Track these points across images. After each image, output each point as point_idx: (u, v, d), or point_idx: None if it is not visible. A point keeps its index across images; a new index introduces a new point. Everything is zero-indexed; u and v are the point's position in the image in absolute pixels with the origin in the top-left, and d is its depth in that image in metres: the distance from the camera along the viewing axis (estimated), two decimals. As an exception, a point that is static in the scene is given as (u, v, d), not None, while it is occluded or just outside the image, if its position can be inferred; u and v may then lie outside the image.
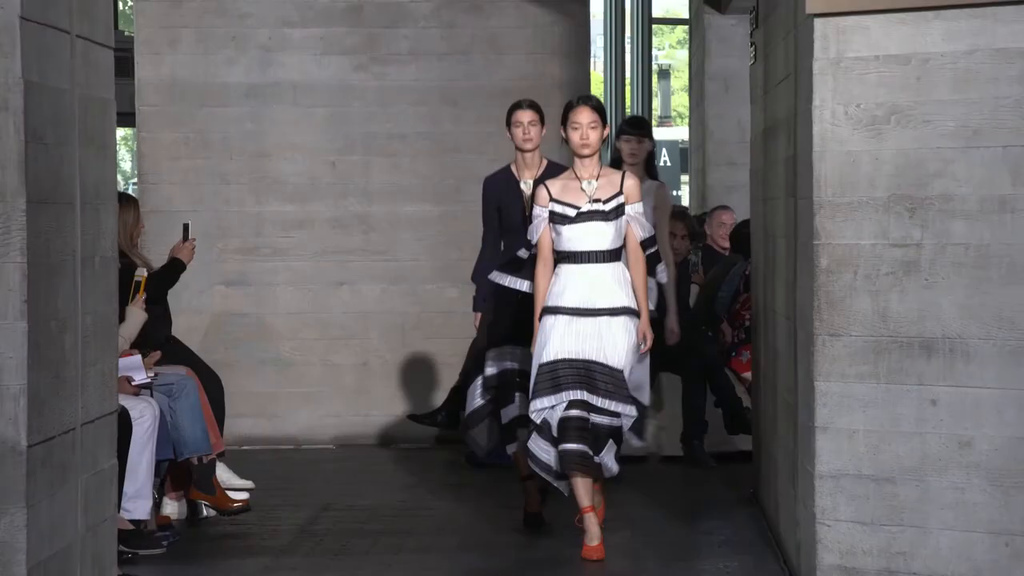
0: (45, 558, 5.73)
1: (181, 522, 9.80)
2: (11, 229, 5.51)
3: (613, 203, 8.87)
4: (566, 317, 8.77)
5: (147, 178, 13.28)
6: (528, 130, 9.51)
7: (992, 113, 7.10)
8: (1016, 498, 7.07)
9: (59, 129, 5.88)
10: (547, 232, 8.91)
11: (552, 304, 8.84)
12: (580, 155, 8.97)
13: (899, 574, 7.30)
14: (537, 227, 8.95)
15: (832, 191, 7.39)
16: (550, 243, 8.92)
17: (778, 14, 8.97)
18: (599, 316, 8.76)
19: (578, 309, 8.76)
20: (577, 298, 8.78)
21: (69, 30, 5.97)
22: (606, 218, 8.83)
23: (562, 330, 8.75)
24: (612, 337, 8.74)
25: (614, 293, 8.81)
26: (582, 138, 8.91)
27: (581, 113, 8.96)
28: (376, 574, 8.59)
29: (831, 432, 7.42)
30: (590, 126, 8.91)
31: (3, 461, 5.52)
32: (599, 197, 8.87)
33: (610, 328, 8.75)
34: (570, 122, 8.96)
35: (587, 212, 8.83)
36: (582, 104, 9.04)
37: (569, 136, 8.98)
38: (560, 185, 8.98)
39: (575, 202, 8.86)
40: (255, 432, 12.79)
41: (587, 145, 8.92)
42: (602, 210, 8.84)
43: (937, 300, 7.22)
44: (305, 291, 13.25)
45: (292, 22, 13.24)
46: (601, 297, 8.78)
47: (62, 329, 5.91)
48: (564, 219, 8.84)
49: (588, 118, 8.93)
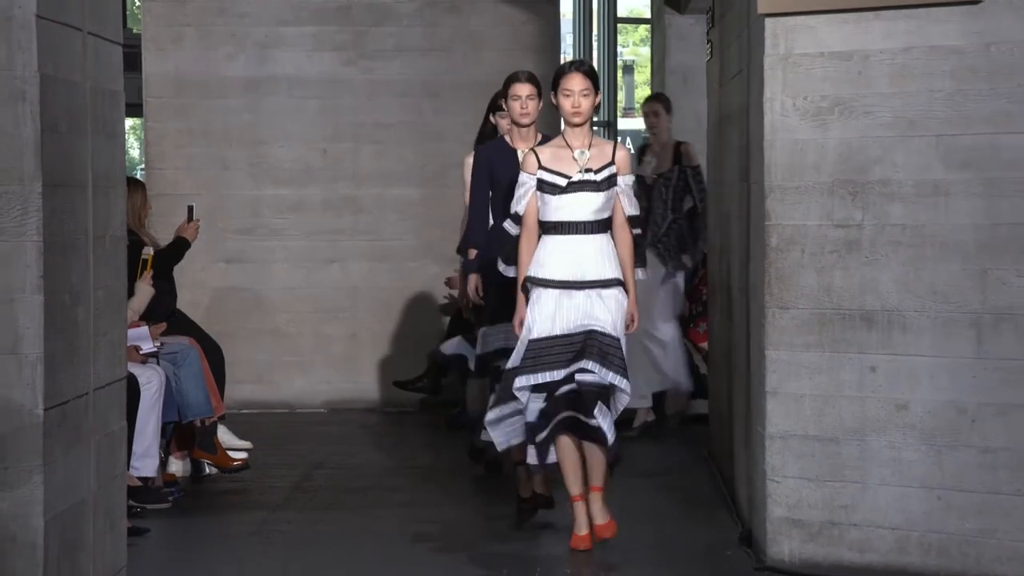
0: (61, 511, 5.74)
1: (185, 479, 9.80)
2: (28, 210, 5.51)
3: (605, 173, 7.80)
4: (556, 291, 7.74)
5: (154, 164, 13.26)
6: (526, 104, 8.57)
7: (926, 105, 7.12)
8: (947, 456, 7.10)
9: (72, 119, 5.87)
10: (534, 201, 7.84)
11: (540, 276, 7.80)
12: (571, 123, 7.88)
13: (841, 526, 7.33)
14: (524, 197, 7.87)
15: (781, 176, 7.41)
16: (536, 213, 7.85)
17: (732, 14, 8.97)
18: (590, 289, 7.74)
19: (568, 282, 7.73)
20: (566, 271, 7.74)
21: (81, 28, 5.96)
22: (597, 188, 7.78)
23: (552, 306, 7.74)
24: (604, 308, 7.73)
25: (603, 265, 7.78)
26: (574, 106, 7.82)
27: (573, 79, 7.86)
28: (364, 526, 8.59)
29: (780, 396, 7.44)
30: (582, 93, 7.82)
31: (22, 423, 5.52)
32: (591, 167, 7.80)
33: (601, 300, 7.73)
34: (561, 88, 7.87)
35: (578, 182, 7.77)
36: (574, 70, 7.94)
37: (560, 103, 7.89)
38: (550, 153, 7.88)
39: (566, 171, 7.78)
40: (253, 397, 12.79)
41: (579, 113, 7.84)
42: (594, 180, 7.78)
43: (876, 276, 7.24)
44: (299, 268, 13.24)
45: (287, 21, 13.22)
46: (591, 269, 7.75)
47: (75, 302, 5.90)
48: (554, 188, 7.77)
49: (580, 85, 7.84)
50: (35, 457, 5.56)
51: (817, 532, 7.37)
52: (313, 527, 8.58)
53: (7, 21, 5.47)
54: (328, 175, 13.24)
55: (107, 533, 6.31)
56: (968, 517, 7.05)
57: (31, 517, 5.57)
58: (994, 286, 7.00)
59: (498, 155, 8.75)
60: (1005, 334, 6.97)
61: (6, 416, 5.51)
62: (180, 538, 8.39)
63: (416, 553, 7.90)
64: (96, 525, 6.15)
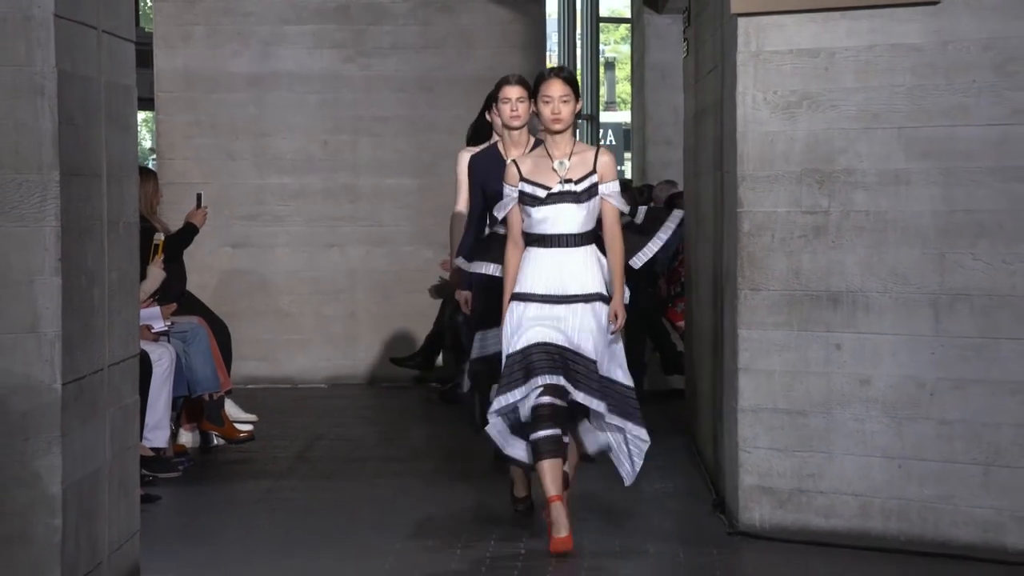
0: (78, 479, 5.74)
1: (194, 450, 9.80)
2: (47, 197, 5.51)
3: (586, 183, 7.15)
4: (536, 304, 7.13)
5: (164, 154, 13.26)
6: (516, 106, 7.94)
7: (888, 99, 7.12)
8: (907, 427, 7.11)
9: (88, 111, 5.86)
10: (517, 212, 7.21)
11: (522, 291, 7.18)
12: (552, 131, 7.22)
13: (809, 493, 7.34)
14: (505, 205, 7.27)
15: (753, 166, 7.41)
16: (520, 224, 7.22)
17: (707, 13, 8.97)
18: (571, 303, 7.13)
19: (549, 296, 7.13)
20: (547, 284, 7.13)
21: (96, 26, 5.95)
22: (578, 200, 7.14)
23: (532, 318, 7.11)
24: (584, 325, 7.10)
25: (585, 279, 7.15)
26: (553, 112, 7.16)
27: (552, 85, 7.19)
28: (362, 494, 8.60)
29: (751, 372, 7.45)
30: (562, 99, 7.16)
31: (41, 397, 5.52)
32: (571, 177, 7.14)
33: (582, 316, 7.11)
34: (540, 95, 7.22)
35: (557, 193, 7.14)
36: (553, 76, 7.26)
37: (540, 110, 7.24)
38: (531, 163, 7.27)
39: (545, 182, 7.15)
40: (258, 373, 12.80)
41: (559, 120, 7.17)
42: (573, 191, 7.13)
43: (842, 259, 7.25)
44: (300, 252, 13.25)
45: (289, 20, 13.21)
46: (572, 283, 7.13)
47: (91, 284, 5.90)
48: (534, 200, 7.15)
49: (560, 91, 7.17)
50: (54, 429, 5.57)
51: (786, 499, 7.38)
52: (314, 495, 8.59)
53: (27, 20, 5.47)
54: (328, 165, 13.24)
55: (121, 500, 6.31)
56: (927, 484, 7.07)
57: (50, 485, 5.57)
58: (951, 268, 7.01)
59: (490, 166, 8.04)
60: (961, 313, 6.99)
61: (26, 391, 5.52)
62: (190, 505, 8.39)
63: (410, 520, 7.90)
64: (111, 492, 6.16)
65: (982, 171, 6.93)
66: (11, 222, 5.49)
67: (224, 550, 7.27)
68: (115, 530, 6.23)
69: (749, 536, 7.41)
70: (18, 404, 5.50)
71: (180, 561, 6.94)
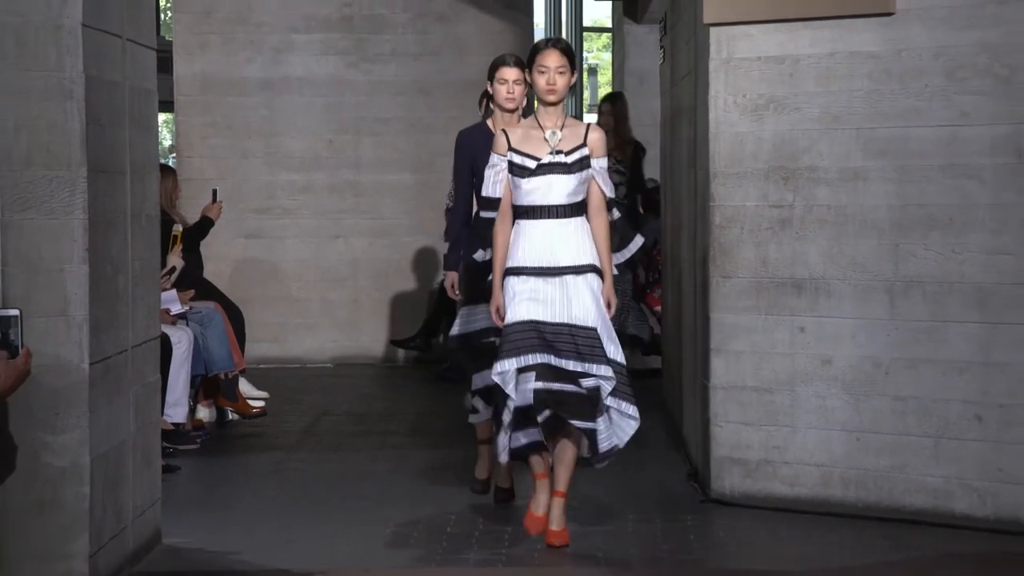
0: (104, 451, 5.75)
1: (211, 424, 9.81)
2: (75, 192, 5.51)
3: (576, 155, 6.45)
4: (529, 278, 6.41)
5: (183, 153, 13.25)
6: (512, 88, 7.27)
7: (848, 102, 7.13)
8: (865, 403, 7.13)
9: (113, 113, 5.87)
10: (507, 184, 6.51)
11: (514, 265, 6.46)
12: (545, 101, 6.52)
13: (775, 464, 7.36)
14: (496, 180, 6.54)
15: (724, 164, 7.42)
16: (510, 196, 6.52)
17: (682, 24, 8.98)
18: (563, 275, 6.40)
19: (541, 268, 6.40)
20: (539, 256, 6.41)
21: (121, 35, 5.96)
22: (568, 170, 6.42)
23: (527, 293, 6.39)
24: (579, 296, 6.39)
25: (577, 250, 6.43)
26: (548, 83, 6.46)
27: (549, 56, 6.49)
28: (364, 465, 8.60)
29: (723, 353, 7.46)
30: (558, 70, 6.47)
31: (70, 375, 5.53)
32: (561, 148, 6.44)
33: (576, 287, 6.39)
34: (536, 65, 6.51)
35: (548, 164, 6.42)
36: (551, 47, 6.55)
37: (534, 80, 6.53)
38: (521, 133, 6.55)
39: (535, 153, 6.45)
40: (269, 354, 12.80)
41: (553, 91, 6.47)
42: (564, 162, 6.42)
43: (805, 249, 7.26)
44: (308, 243, 13.24)
45: (298, 29, 13.21)
46: (564, 254, 6.41)
47: (116, 272, 5.91)
48: (523, 171, 6.44)
49: (556, 62, 6.47)
50: (82, 405, 5.58)
51: (754, 469, 7.40)
52: (321, 466, 8.60)
53: (57, 29, 5.48)
54: (333, 163, 13.24)
55: (144, 470, 6.33)
56: (882, 456, 7.09)
57: (79, 456, 5.59)
58: (904, 258, 7.03)
59: (479, 142, 7.27)
60: (914, 299, 7.01)
61: (57, 370, 5.53)
62: (207, 475, 8.41)
63: (409, 489, 7.91)
64: (134, 463, 6.17)
65: (933, 168, 6.94)
66: (43, 215, 5.50)
67: (238, 516, 7.28)
68: (138, 497, 6.25)
69: (720, 503, 7.43)
70: (50, 382, 5.51)
71: (198, 527, 6.95)
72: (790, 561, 6.40)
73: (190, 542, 6.68)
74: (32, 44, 5.45)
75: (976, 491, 6.88)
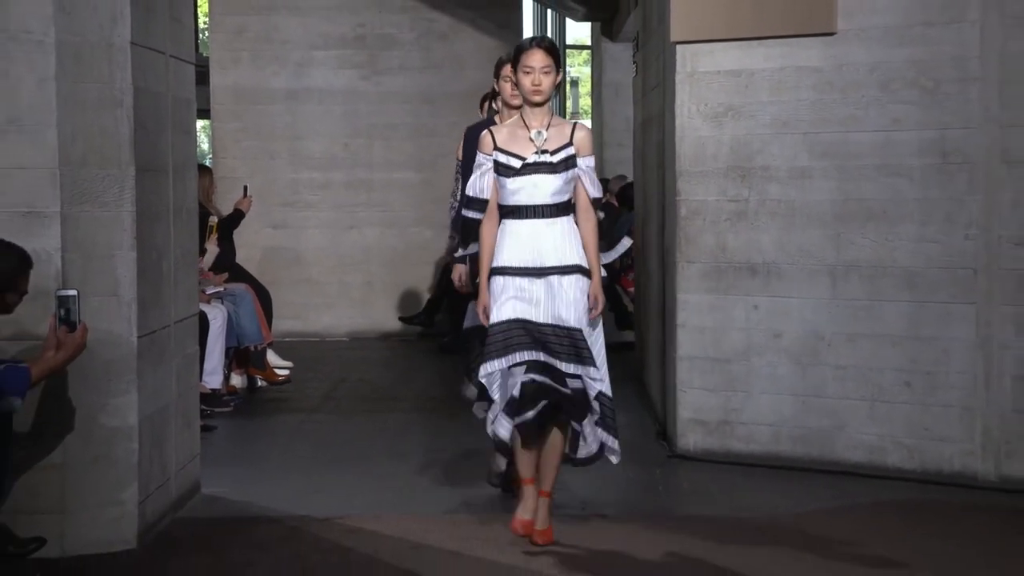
0: (150, 413, 5.76)
1: (243, 390, 9.81)
2: (125, 188, 5.51)
3: (562, 154, 5.60)
4: (514, 278, 5.57)
5: (218, 154, 13.24)
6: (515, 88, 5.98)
7: (795, 110, 7.14)
8: (810, 371, 7.15)
9: (157, 120, 5.87)
10: (492, 182, 5.66)
11: (499, 264, 5.61)
12: (531, 102, 5.63)
13: (732, 424, 7.38)
14: (483, 180, 5.69)
15: (688, 163, 7.42)
16: (496, 196, 5.68)
17: (652, 42, 8.98)
18: (549, 275, 5.54)
19: (527, 268, 5.55)
20: (524, 256, 5.57)
21: (164, 51, 5.96)
22: (554, 170, 5.57)
23: (512, 292, 5.55)
24: (565, 296, 5.54)
25: (563, 250, 5.57)
26: (534, 83, 5.59)
27: (534, 56, 5.61)
28: (376, 427, 8.61)
29: (687, 328, 7.48)
30: (543, 70, 5.59)
31: (120, 348, 5.54)
32: (547, 148, 5.59)
33: (561, 287, 5.54)
34: (521, 65, 5.63)
35: (533, 164, 5.58)
36: (535, 46, 5.66)
37: (520, 81, 5.64)
38: (506, 133, 5.69)
39: (521, 152, 5.61)
40: (293, 329, 12.81)
41: (539, 91, 5.59)
42: (549, 161, 5.57)
43: (759, 238, 7.27)
44: (327, 232, 13.25)
45: (317, 46, 13.20)
46: (550, 254, 5.56)
47: (160, 257, 5.92)
48: (508, 170, 5.60)
49: (541, 62, 5.60)
50: (131, 373, 5.59)
51: (714, 429, 7.42)
52: (338, 427, 8.61)
53: (109, 47, 5.48)
54: (348, 163, 13.24)
55: (185, 429, 6.34)
56: (825, 417, 7.12)
57: (129, 417, 5.60)
58: (844, 245, 7.04)
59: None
60: (853, 281, 7.02)
61: (109, 343, 5.54)
62: (239, 433, 8.41)
63: (415, 447, 7.92)
64: (176, 423, 6.18)
65: (869, 168, 6.96)
66: (97, 208, 5.50)
67: (267, 469, 7.29)
68: (180, 453, 6.26)
69: (685, 459, 7.44)
70: (103, 353, 5.52)
71: (232, 478, 6.96)
72: (746, 508, 6.41)
73: (225, 492, 6.68)
74: (88, 60, 5.44)
75: (905, 447, 6.91)
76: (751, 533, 5.92)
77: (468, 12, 13.26)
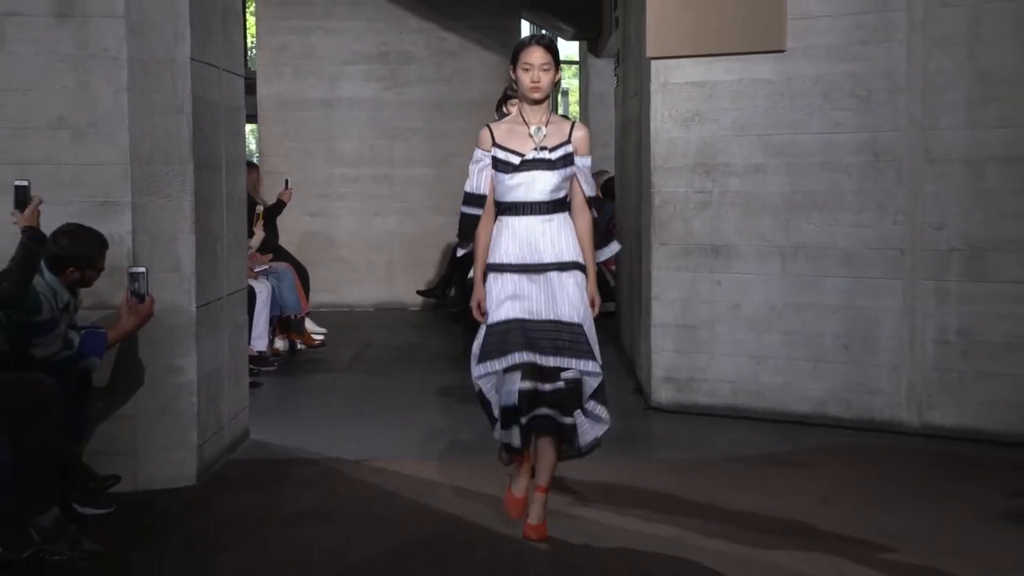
0: (207, 372, 5.78)
1: (285, 352, 9.82)
2: (185, 182, 5.52)
3: (560, 151, 4.78)
4: (512, 275, 4.76)
5: (264, 153, 13.24)
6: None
7: (751, 116, 7.14)
8: (764, 337, 7.16)
9: (212, 124, 5.88)
10: (490, 178, 4.81)
11: (496, 261, 4.79)
12: (530, 99, 4.77)
13: (698, 381, 7.39)
14: (481, 176, 4.83)
15: (661, 161, 7.43)
16: (492, 192, 4.83)
17: (631, 57, 8.97)
18: (547, 271, 4.75)
19: (524, 265, 4.75)
20: (521, 253, 4.75)
21: (218, 66, 5.96)
22: (551, 167, 4.75)
23: (509, 291, 4.76)
24: (564, 291, 4.76)
25: (561, 246, 4.78)
26: (533, 80, 4.73)
27: (533, 53, 4.75)
28: (398, 382, 8.62)
29: (661, 300, 7.49)
30: (542, 67, 4.74)
31: (181, 316, 5.56)
32: (546, 145, 4.77)
33: (560, 282, 4.76)
34: (520, 62, 4.76)
35: (531, 160, 4.75)
36: (534, 44, 4.80)
37: (519, 78, 4.76)
38: (505, 129, 4.83)
39: (520, 149, 4.77)
40: (327, 301, 12.82)
41: (538, 88, 4.74)
42: (548, 158, 4.76)
43: (721, 224, 7.28)
44: (356, 219, 13.25)
45: (348, 62, 13.18)
46: (547, 251, 4.76)
47: (215, 240, 5.93)
48: (507, 167, 4.76)
49: (540, 59, 4.74)
50: (190, 338, 5.61)
51: (683, 385, 7.43)
52: (366, 384, 8.62)
53: (172, 62, 5.48)
54: (374, 161, 13.23)
55: (235, 386, 6.36)
56: (776, 375, 7.14)
57: (189, 375, 5.62)
58: (793, 230, 7.05)
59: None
60: (800, 260, 7.03)
61: (172, 312, 5.56)
62: (281, 390, 8.42)
63: (430, 400, 7.93)
64: (228, 381, 6.20)
65: (814, 165, 6.96)
66: (162, 199, 5.52)
67: (306, 420, 7.30)
68: (232, 406, 6.28)
69: (658, 411, 7.46)
70: (167, 320, 5.54)
71: (276, 428, 6.98)
72: (710, 452, 6.43)
73: (270, 438, 6.70)
74: (154, 74, 5.45)
75: (844, 400, 6.93)
76: (714, 473, 5.94)
77: (475, 32, 13.25)
